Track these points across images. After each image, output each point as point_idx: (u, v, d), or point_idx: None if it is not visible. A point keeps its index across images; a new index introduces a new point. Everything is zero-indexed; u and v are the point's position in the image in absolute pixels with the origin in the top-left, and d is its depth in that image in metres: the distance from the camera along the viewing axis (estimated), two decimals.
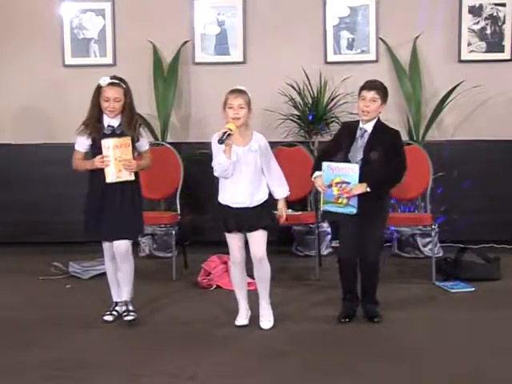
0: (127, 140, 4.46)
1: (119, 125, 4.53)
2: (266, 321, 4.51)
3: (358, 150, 4.48)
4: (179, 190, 6.03)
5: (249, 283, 4.68)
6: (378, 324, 4.56)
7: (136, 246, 6.43)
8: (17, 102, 6.90)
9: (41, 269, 5.94)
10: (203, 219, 6.24)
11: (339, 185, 4.42)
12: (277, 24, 6.77)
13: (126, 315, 4.60)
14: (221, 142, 4.23)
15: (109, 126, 4.53)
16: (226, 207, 4.44)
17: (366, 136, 4.49)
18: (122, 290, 4.67)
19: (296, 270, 6.02)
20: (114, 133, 4.51)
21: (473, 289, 5.36)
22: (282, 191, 4.52)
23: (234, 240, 4.49)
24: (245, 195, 4.40)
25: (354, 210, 4.42)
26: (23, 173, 6.83)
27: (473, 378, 3.77)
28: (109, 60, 6.86)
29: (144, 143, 4.70)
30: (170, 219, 5.95)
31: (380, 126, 4.54)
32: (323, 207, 4.54)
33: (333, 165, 4.47)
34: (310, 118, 6.54)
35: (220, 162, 4.32)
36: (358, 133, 4.52)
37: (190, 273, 5.81)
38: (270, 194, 4.50)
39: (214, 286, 5.41)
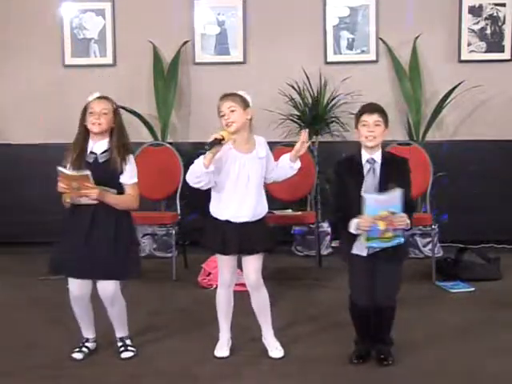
0: (84, 176, 3.79)
1: (104, 152, 3.94)
2: (276, 350, 4.08)
3: (370, 186, 3.86)
4: (179, 189, 6.03)
5: (242, 284, 4.42)
6: None
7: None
8: (17, 101, 6.90)
9: (41, 269, 5.93)
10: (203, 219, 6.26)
11: (386, 218, 3.75)
12: (277, 24, 6.77)
13: (123, 351, 4.10)
14: (208, 147, 3.71)
15: (91, 152, 3.95)
16: (224, 224, 3.93)
17: (378, 168, 3.90)
18: (116, 327, 4.16)
19: (296, 270, 6.02)
20: (96, 161, 3.93)
21: (473, 289, 5.36)
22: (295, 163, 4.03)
23: (227, 261, 4.01)
24: (250, 208, 3.92)
25: (402, 240, 3.81)
26: (23, 173, 6.83)
27: (472, 377, 3.78)
28: (109, 60, 6.86)
29: (128, 176, 3.97)
30: (170, 219, 5.95)
31: (390, 156, 4.00)
32: (366, 244, 3.80)
33: (378, 198, 3.76)
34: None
35: (197, 166, 3.80)
36: (367, 165, 3.90)
37: (190, 273, 5.81)
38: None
39: (214, 286, 5.40)
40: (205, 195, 4.08)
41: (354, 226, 3.80)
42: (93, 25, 6.88)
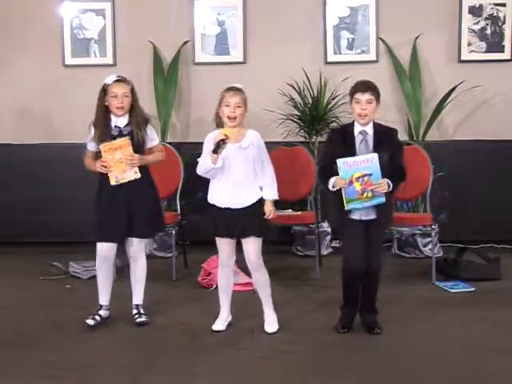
0: (125, 141, 4.38)
1: (126, 124, 4.47)
2: (270, 326, 4.40)
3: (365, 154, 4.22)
4: (179, 190, 6.03)
5: (247, 283, 4.60)
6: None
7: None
8: (17, 101, 6.89)
9: (41, 269, 5.94)
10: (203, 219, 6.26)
11: (360, 179, 4.13)
12: (277, 24, 6.77)
13: (137, 317, 4.56)
14: (215, 151, 4.12)
15: (116, 126, 4.48)
16: (215, 208, 4.30)
17: (370, 139, 4.27)
18: (134, 292, 4.62)
19: (296, 270, 6.02)
20: (121, 133, 4.45)
21: (473, 289, 5.36)
22: (270, 192, 4.30)
23: (224, 244, 4.35)
24: (234, 195, 4.24)
25: (382, 199, 4.17)
26: (23, 173, 6.82)
27: (472, 378, 3.78)
28: (109, 60, 6.86)
29: (153, 142, 4.63)
30: (170, 219, 5.93)
31: (380, 127, 4.33)
32: (347, 206, 4.20)
33: (349, 160, 4.16)
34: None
35: (205, 163, 4.23)
36: (359, 137, 4.28)
37: (190, 273, 5.81)
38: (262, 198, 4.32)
39: (214, 286, 5.40)
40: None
41: (331, 183, 4.23)
42: (93, 25, 6.87)
